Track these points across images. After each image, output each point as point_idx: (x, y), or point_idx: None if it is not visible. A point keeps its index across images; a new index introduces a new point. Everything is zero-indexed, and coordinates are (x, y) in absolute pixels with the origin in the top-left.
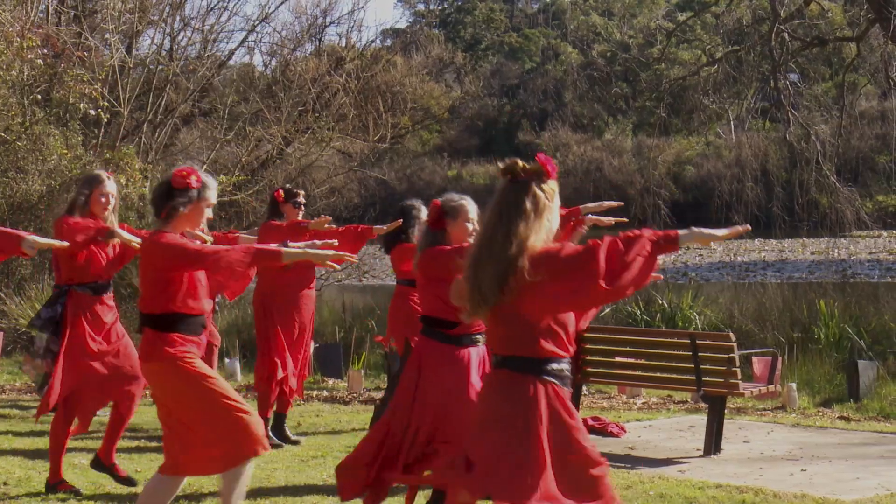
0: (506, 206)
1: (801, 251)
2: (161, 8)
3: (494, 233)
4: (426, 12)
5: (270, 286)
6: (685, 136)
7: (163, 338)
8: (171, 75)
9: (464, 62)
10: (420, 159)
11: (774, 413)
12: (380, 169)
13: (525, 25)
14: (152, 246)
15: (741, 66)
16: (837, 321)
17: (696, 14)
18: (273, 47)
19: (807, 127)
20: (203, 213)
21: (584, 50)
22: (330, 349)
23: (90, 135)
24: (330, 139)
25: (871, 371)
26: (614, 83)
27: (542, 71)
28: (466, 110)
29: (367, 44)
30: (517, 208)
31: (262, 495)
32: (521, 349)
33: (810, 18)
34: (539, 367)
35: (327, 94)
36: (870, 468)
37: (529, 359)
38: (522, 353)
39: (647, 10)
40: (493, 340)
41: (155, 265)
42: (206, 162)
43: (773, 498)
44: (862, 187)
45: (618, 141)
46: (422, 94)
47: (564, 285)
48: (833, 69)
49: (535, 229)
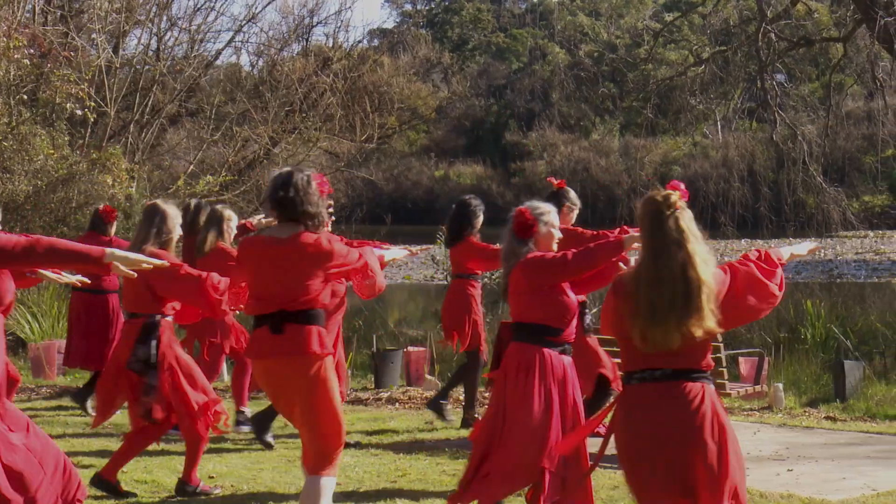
0: (682, 231)
1: None
2: (148, 8)
3: (671, 258)
4: (413, 12)
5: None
6: (672, 136)
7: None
8: (158, 75)
9: (451, 62)
10: (407, 159)
11: (761, 413)
12: (367, 169)
13: (512, 26)
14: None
15: (728, 67)
16: (824, 321)
17: (683, 14)
18: (260, 47)
19: (793, 127)
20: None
21: (572, 50)
22: None
23: (77, 135)
24: (317, 139)
25: (857, 371)
26: (601, 83)
27: (530, 71)
28: (453, 110)
29: (354, 44)
30: (693, 233)
31: (248, 496)
32: (694, 362)
33: (797, 19)
34: (707, 376)
35: (314, 94)
36: (856, 468)
37: (701, 371)
38: (695, 367)
39: (635, 11)
40: (659, 357)
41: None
42: (192, 162)
43: (760, 498)
44: (848, 188)
45: (605, 141)
46: (409, 95)
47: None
48: (820, 69)
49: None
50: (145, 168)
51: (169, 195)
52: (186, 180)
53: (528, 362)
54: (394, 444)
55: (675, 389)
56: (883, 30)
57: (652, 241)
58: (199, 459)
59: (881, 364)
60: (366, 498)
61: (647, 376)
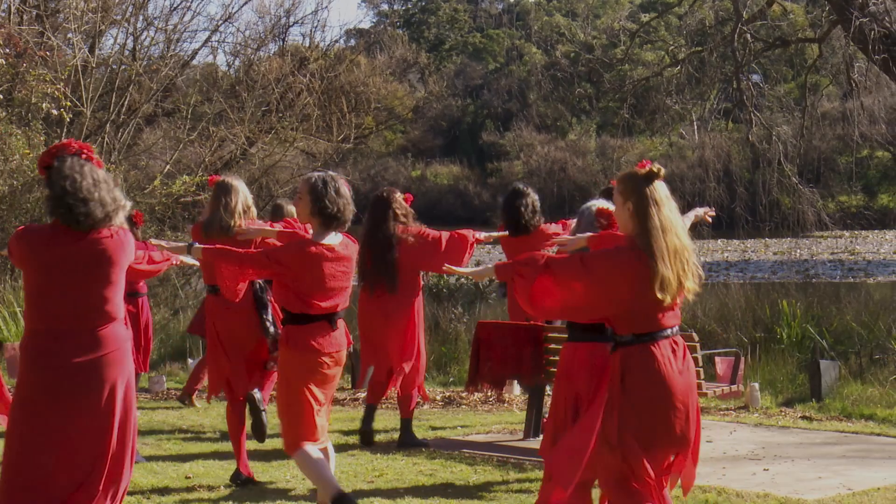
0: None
1: (763, 251)
2: (124, 7)
3: (679, 227)
4: (390, 12)
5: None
6: (648, 136)
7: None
8: (135, 75)
9: (428, 62)
10: (384, 159)
11: (737, 413)
12: (344, 169)
13: (489, 26)
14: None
15: (704, 67)
16: (800, 321)
17: (659, 15)
18: (236, 47)
19: (769, 128)
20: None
21: (548, 50)
22: None
23: (53, 135)
24: (294, 139)
25: (832, 371)
26: (578, 84)
27: (506, 71)
28: (430, 110)
29: (330, 44)
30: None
31: (226, 496)
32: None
33: (773, 20)
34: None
35: (291, 94)
36: (831, 468)
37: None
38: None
39: (611, 11)
40: (672, 316)
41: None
42: (169, 162)
43: (736, 497)
44: (824, 188)
45: (581, 141)
46: (385, 95)
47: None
48: (795, 70)
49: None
50: (122, 168)
51: (145, 195)
52: (163, 180)
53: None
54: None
55: (679, 344)
56: (858, 31)
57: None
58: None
59: (857, 364)
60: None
61: (659, 335)
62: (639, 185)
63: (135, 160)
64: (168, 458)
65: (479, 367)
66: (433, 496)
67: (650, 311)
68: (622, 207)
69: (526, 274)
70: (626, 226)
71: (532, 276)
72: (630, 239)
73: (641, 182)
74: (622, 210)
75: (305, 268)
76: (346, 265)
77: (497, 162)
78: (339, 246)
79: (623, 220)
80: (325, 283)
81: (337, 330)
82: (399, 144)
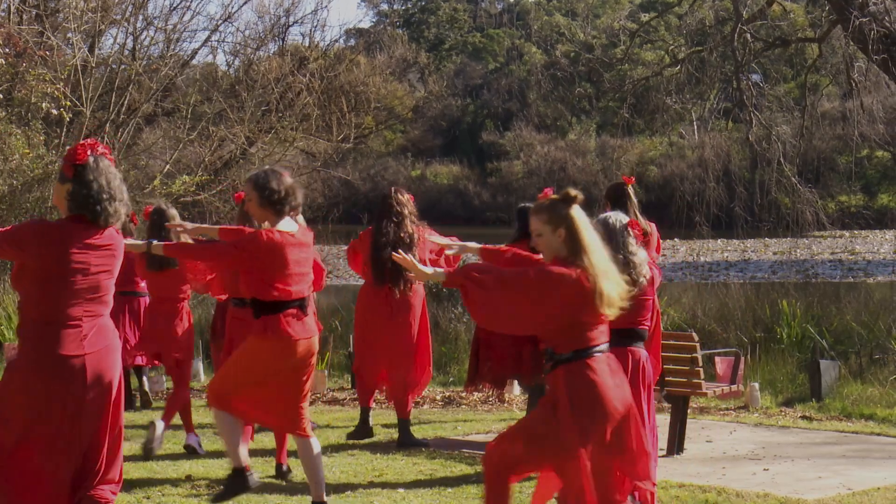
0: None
1: (763, 251)
2: (124, 7)
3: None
4: (390, 12)
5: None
6: (648, 136)
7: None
8: (134, 75)
9: (427, 62)
10: (384, 159)
11: (737, 413)
12: (343, 169)
13: (489, 26)
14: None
15: (704, 67)
16: (800, 321)
17: (659, 15)
18: (236, 47)
19: (769, 128)
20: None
21: (548, 50)
22: None
23: (52, 134)
24: (293, 139)
25: (832, 371)
26: (578, 83)
27: (506, 71)
28: (430, 110)
29: (330, 43)
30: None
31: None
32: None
33: (772, 19)
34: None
35: (290, 93)
36: (831, 467)
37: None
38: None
39: (611, 11)
40: (605, 333)
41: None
42: (168, 162)
43: (736, 497)
44: (823, 188)
45: (581, 141)
46: (385, 94)
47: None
48: (795, 70)
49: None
50: (121, 168)
51: (145, 195)
52: (163, 180)
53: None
54: (370, 444)
55: (612, 359)
56: (858, 30)
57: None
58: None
59: (857, 363)
60: (342, 498)
61: (596, 350)
62: (566, 211)
63: (134, 160)
64: (168, 457)
65: (479, 367)
66: (433, 496)
67: (588, 328)
68: (552, 234)
69: (479, 281)
70: (558, 250)
71: (486, 284)
72: (563, 260)
73: (567, 208)
74: (552, 236)
75: (273, 255)
76: (307, 252)
77: (497, 162)
78: (298, 233)
79: (554, 246)
80: (291, 269)
81: (308, 316)
82: (399, 144)
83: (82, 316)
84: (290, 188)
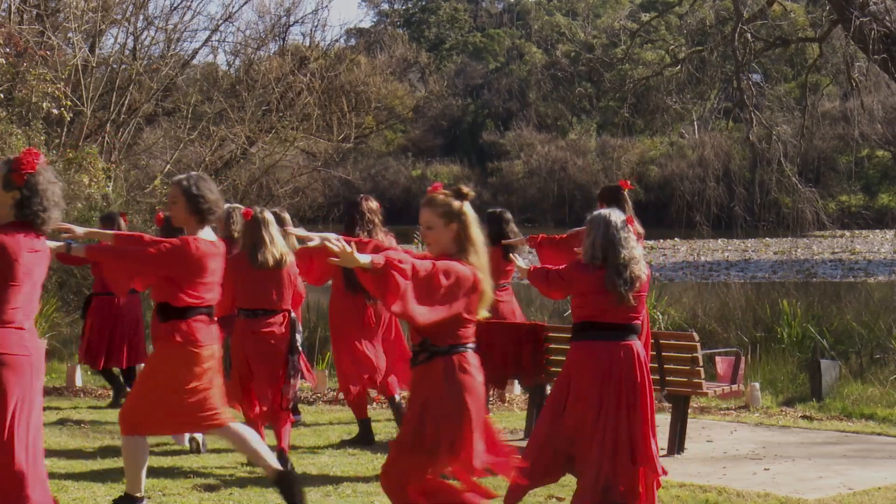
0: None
1: (763, 251)
2: (124, 7)
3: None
4: (390, 12)
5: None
6: (649, 136)
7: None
8: (135, 74)
9: (428, 62)
10: (384, 159)
11: (738, 412)
12: (344, 169)
13: (489, 25)
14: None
15: (704, 67)
16: (800, 321)
17: (659, 14)
18: (237, 47)
19: (769, 127)
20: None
21: (549, 50)
22: None
23: (53, 134)
24: (294, 139)
25: (833, 370)
26: (578, 83)
27: (507, 71)
28: (430, 110)
29: (330, 43)
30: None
31: (228, 494)
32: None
33: (773, 19)
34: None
35: (291, 93)
36: (832, 467)
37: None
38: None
39: (611, 11)
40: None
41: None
42: (169, 161)
43: (737, 497)
44: (823, 187)
45: (582, 141)
46: (386, 94)
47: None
48: (796, 70)
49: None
50: (122, 167)
51: (145, 195)
52: (163, 180)
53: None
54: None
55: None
56: (858, 30)
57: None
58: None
59: (857, 363)
60: (343, 498)
61: (468, 346)
62: (461, 207)
63: (135, 160)
64: (170, 456)
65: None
66: None
67: (466, 323)
68: (444, 228)
69: (402, 273)
70: (447, 246)
71: (407, 274)
72: (451, 256)
73: (462, 204)
74: (444, 230)
75: (197, 264)
76: (221, 261)
77: (497, 161)
78: (217, 242)
79: (444, 240)
80: (207, 277)
81: (214, 323)
82: (399, 144)
83: (24, 319)
84: (217, 200)
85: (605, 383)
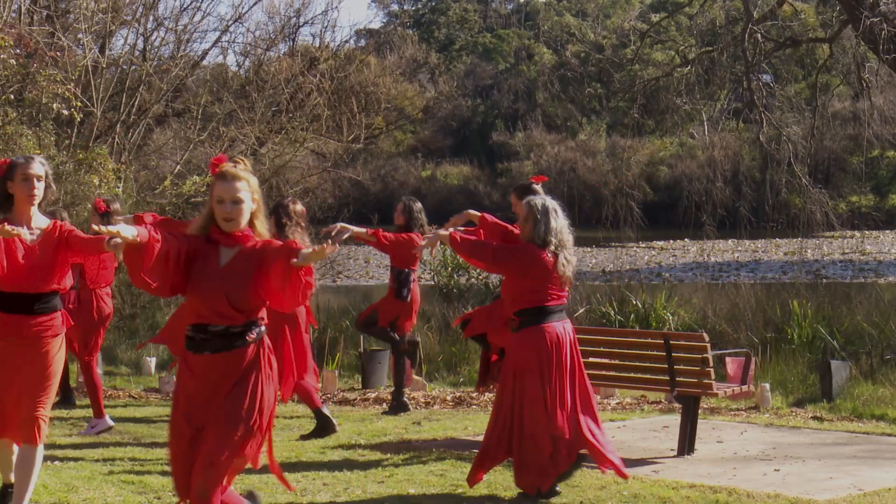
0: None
1: (773, 252)
2: (134, 8)
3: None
4: (400, 12)
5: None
6: (659, 136)
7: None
8: (145, 75)
9: (438, 62)
10: (394, 160)
11: (748, 413)
12: (354, 169)
13: (499, 26)
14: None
15: (714, 67)
16: (810, 321)
17: (669, 15)
18: (246, 47)
19: (779, 128)
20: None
21: (558, 50)
22: None
23: (63, 135)
24: (304, 139)
25: (843, 371)
26: (588, 84)
27: (516, 71)
28: (440, 111)
29: (340, 44)
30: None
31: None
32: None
33: (783, 19)
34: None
35: (301, 94)
36: (843, 468)
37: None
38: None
39: (621, 11)
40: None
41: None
42: (179, 162)
43: (747, 498)
44: (833, 188)
45: (591, 141)
46: (396, 95)
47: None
48: (806, 70)
49: None
50: (132, 168)
51: (156, 195)
52: (173, 180)
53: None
54: (381, 444)
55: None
56: (869, 30)
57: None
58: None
59: (867, 364)
60: (353, 498)
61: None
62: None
63: (145, 160)
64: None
65: (490, 368)
66: (443, 496)
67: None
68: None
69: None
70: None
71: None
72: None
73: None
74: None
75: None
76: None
77: (507, 162)
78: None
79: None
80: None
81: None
82: (409, 144)
83: None
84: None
85: (560, 361)
